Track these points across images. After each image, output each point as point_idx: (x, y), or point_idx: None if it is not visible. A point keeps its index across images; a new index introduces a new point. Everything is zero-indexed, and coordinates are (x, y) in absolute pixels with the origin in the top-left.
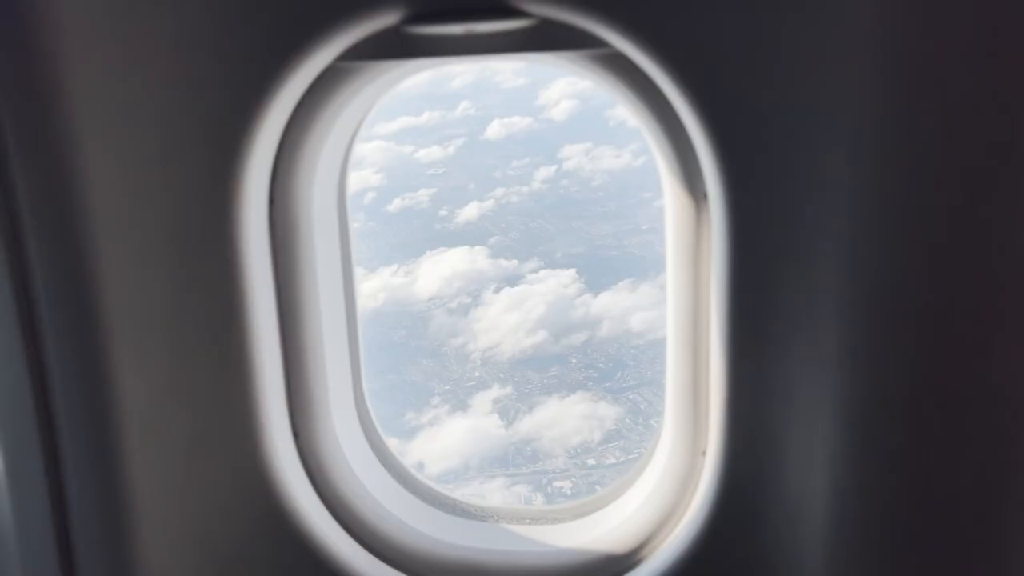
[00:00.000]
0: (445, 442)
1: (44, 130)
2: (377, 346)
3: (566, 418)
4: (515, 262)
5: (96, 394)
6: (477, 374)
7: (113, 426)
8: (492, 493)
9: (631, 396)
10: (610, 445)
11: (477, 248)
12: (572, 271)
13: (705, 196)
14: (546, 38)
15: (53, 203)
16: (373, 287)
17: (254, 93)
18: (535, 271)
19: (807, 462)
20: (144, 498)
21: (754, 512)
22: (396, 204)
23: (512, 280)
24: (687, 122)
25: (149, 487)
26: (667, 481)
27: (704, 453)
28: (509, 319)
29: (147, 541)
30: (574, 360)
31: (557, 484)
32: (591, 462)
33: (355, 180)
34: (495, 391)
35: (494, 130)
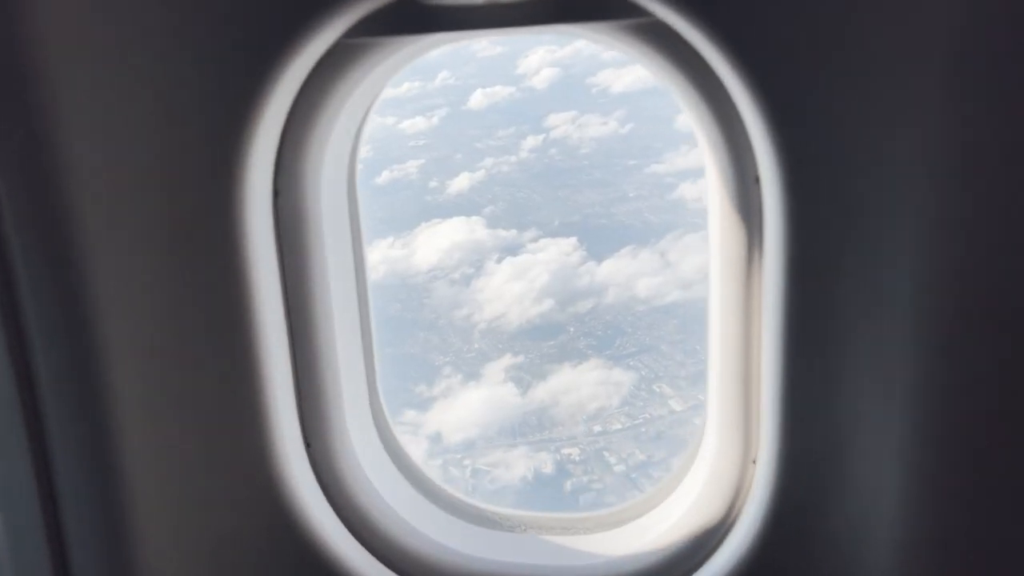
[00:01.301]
0: (461, 412)
1: (28, 120)
2: (380, 320)
3: (581, 385)
4: (514, 231)
5: (90, 402)
6: (476, 346)
7: (109, 436)
8: (516, 461)
9: (632, 363)
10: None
11: (474, 219)
12: (573, 239)
13: (756, 178)
14: (576, 8)
15: (38, 199)
16: (373, 260)
17: (255, 74)
18: (535, 240)
19: (874, 472)
20: (144, 513)
21: (812, 526)
22: (385, 176)
23: (512, 249)
24: (738, 98)
25: (149, 501)
26: (713, 491)
27: (755, 462)
28: (514, 288)
29: (148, 559)
30: (585, 325)
31: (565, 451)
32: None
33: None
34: (507, 360)
35: (476, 100)
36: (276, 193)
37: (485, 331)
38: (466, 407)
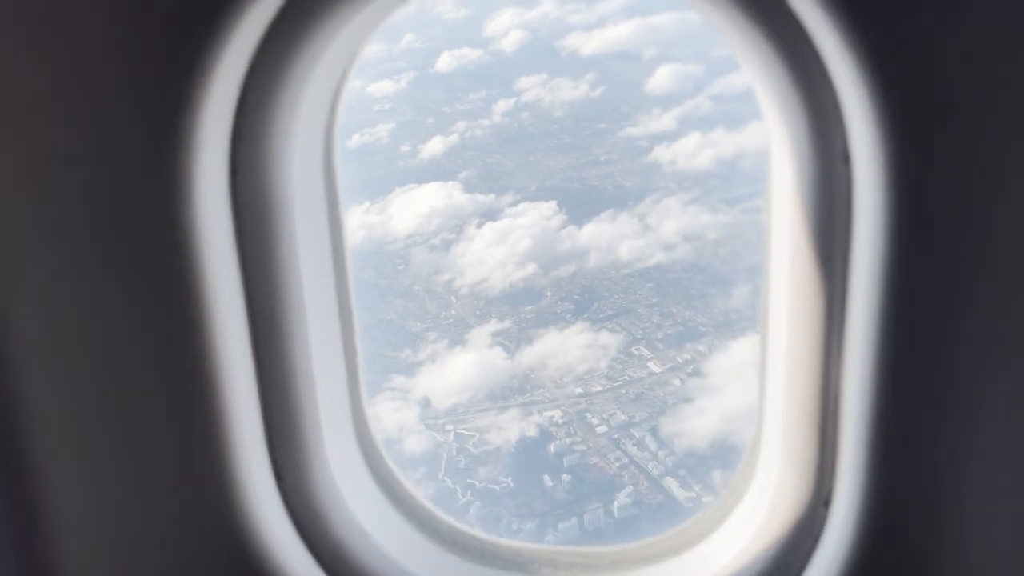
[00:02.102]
0: (449, 377)
1: None
2: (362, 286)
3: (567, 349)
4: (492, 196)
5: (2, 432)
6: (454, 312)
7: (25, 476)
8: (499, 425)
9: (610, 326)
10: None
11: (451, 184)
12: (552, 203)
13: (845, 156)
14: None
15: None
16: (350, 226)
17: (200, 32)
18: (514, 204)
19: (984, 530)
20: (74, 565)
21: None
22: (355, 140)
23: (492, 214)
24: (833, 64)
25: (79, 550)
26: (769, 534)
27: (827, 503)
28: (496, 253)
29: None
30: (562, 290)
31: (548, 414)
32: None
33: None
34: (492, 325)
35: (444, 63)
36: (233, 171)
37: (467, 296)
38: (453, 372)
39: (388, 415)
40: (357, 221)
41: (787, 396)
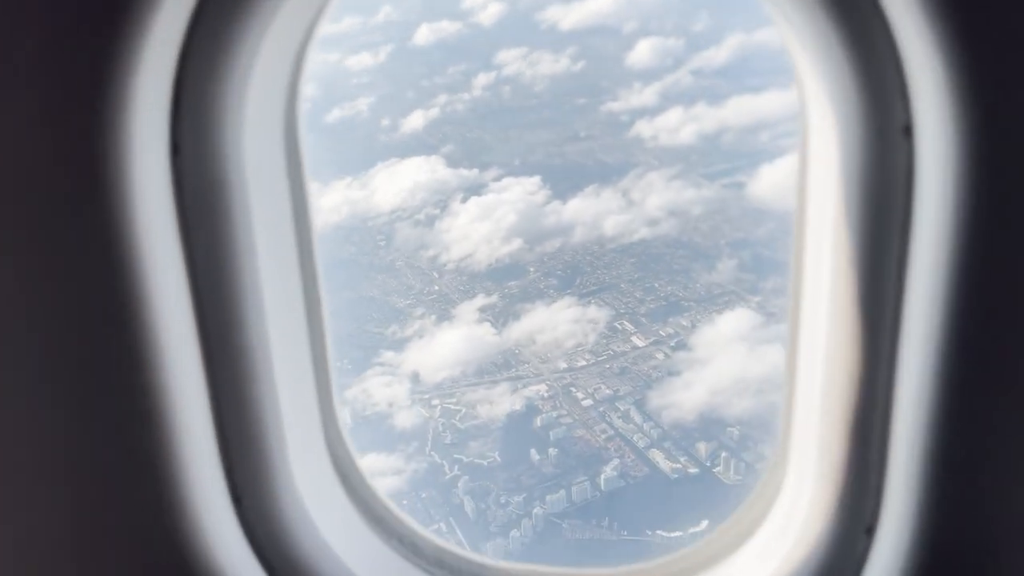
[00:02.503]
0: (438, 352)
1: None
2: (344, 263)
3: (555, 324)
4: (476, 171)
5: None
6: (437, 287)
7: None
8: (485, 399)
9: (593, 301)
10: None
11: (433, 158)
12: (536, 178)
13: (906, 127)
14: None
15: None
16: (333, 201)
17: None
18: (498, 179)
19: None
20: None
21: None
22: (334, 115)
23: (476, 189)
24: (898, 23)
25: (23, 573)
26: (797, 563)
27: (870, 531)
28: (481, 228)
29: None
30: (545, 265)
31: (533, 388)
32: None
33: None
34: (480, 300)
35: (423, 35)
36: (175, 149)
37: (453, 272)
38: (442, 347)
39: (378, 390)
40: (339, 197)
41: (824, 405)
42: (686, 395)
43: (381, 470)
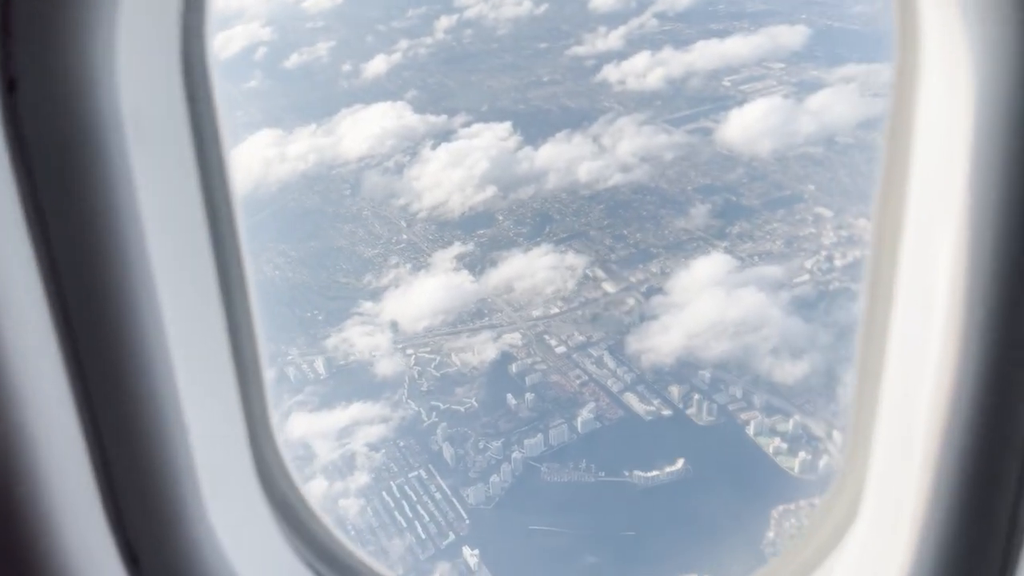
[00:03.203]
0: (415, 301)
1: None
2: (310, 212)
3: (531, 271)
4: (444, 117)
5: None
6: (405, 236)
7: None
8: (471, 346)
9: (563, 248)
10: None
11: (399, 104)
12: (507, 124)
13: None
14: None
15: None
16: (299, 149)
17: None
18: (467, 125)
19: None
20: None
21: None
22: (293, 60)
23: (445, 135)
24: None
25: None
26: None
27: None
28: (453, 176)
29: None
30: (516, 213)
31: (507, 336)
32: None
33: (241, 35)
34: (456, 248)
35: None
36: (10, 85)
37: (426, 220)
38: (420, 296)
39: (360, 339)
40: (305, 145)
41: (930, 430)
42: (663, 339)
43: (369, 418)
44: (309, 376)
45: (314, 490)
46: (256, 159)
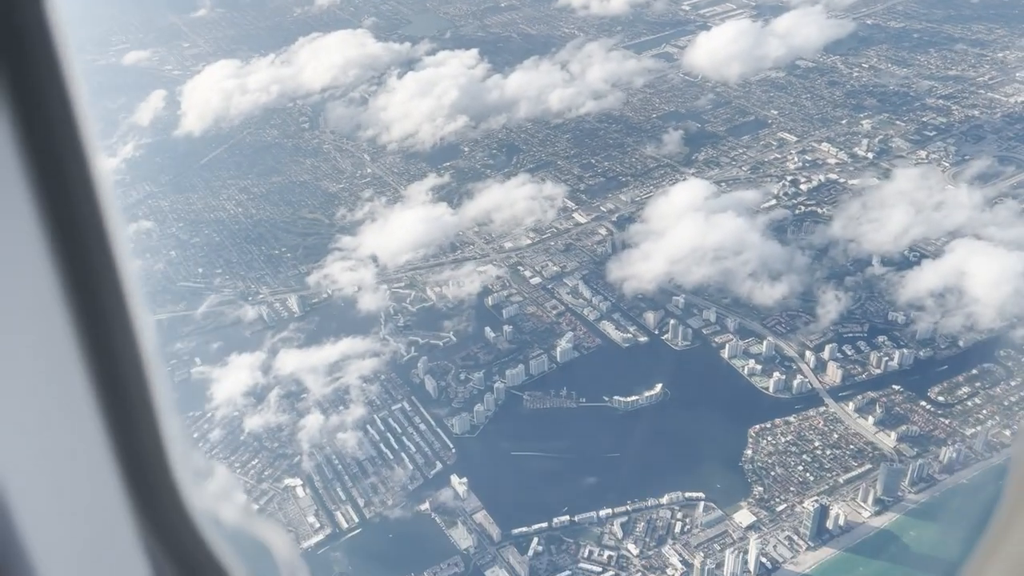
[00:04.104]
0: (391, 234)
1: None
2: (269, 147)
3: (498, 203)
4: (408, 44)
5: None
6: (370, 170)
7: None
8: (446, 279)
9: (532, 178)
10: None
11: (359, 31)
12: (473, 51)
13: None
14: None
15: None
16: (260, 80)
17: None
18: (431, 53)
19: None
20: None
21: None
22: None
23: (410, 64)
24: None
25: None
26: None
27: None
28: (422, 106)
29: None
30: (484, 144)
31: (481, 269)
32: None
33: None
34: (431, 180)
35: None
36: None
37: (396, 152)
38: (397, 229)
39: (341, 275)
40: (266, 75)
41: None
42: (642, 267)
43: (359, 353)
44: (283, 315)
45: (311, 423)
46: (215, 91)
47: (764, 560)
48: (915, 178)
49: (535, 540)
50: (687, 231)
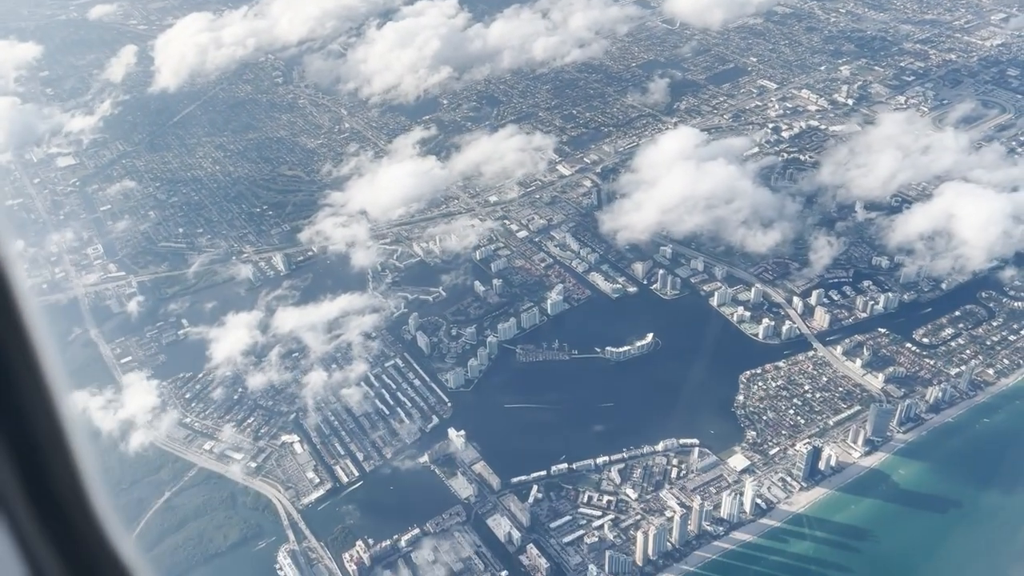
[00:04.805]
0: (378, 189)
1: None
2: (243, 103)
3: (483, 155)
4: None
5: None
6: (347, 125)
7: None
8: (434, 234)
9: (514, 129)
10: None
11: None
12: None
13: None
14: None
15: None
16: (236, 34)
17: None
18: (410, 2)
19: None
20: None
21: None
22: None
23: (388, 14)
24: None
25: None
26: None
27: None
28: (403, 57)
29: None
30: (462, 95)
31: (467, 223)
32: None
33: None
34: (416, 134)
35: None
36: None
37: (379, 105)
38: (383, 183)
39: (333, 231)
40: (241, 28)
41: None
42: (629, 217)
43: (356, 310)
44: (269, 274)
45: (308, 380)
46: (188, 46)
47: (759, 502)
48: (900, 123)
49: (535, 488)
50: (677, 180)
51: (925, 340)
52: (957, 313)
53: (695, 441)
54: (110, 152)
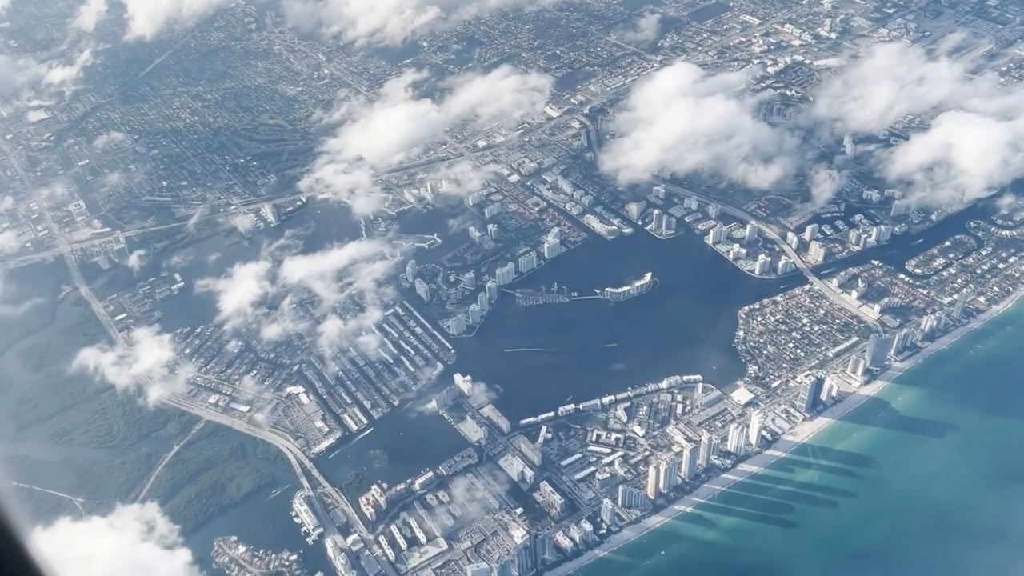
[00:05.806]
0: (380, 132)
1: None
2: (218, 50)
3: (466, 98)
4: None
5: None
6: (327, 71)
7: None
8: (423, 182)
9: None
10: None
11: None
12: None
13: None
14: None
15: None
16: None
17: None
18: None
19: None
20: None
21: None
22: None
23: None
24: None
25: None
26: None
27: None
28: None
29: None
30: (438, 40)
31: (457, 168)
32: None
33: None
34: (410, 76)
35: None
36: None
37: (364, 49)
38: (379, 128)
39: (334, 179)
40: None
41: None
42: (620, 159)
43: (368, 256)
44: (259, 225)
45: (329, 328)
46: None
47: (764, 433)
48: (892, 54)
49: (543, 429)
50: (677, 117)
51: (917, 271)
52: (947, 243)
53: (698, 377)
54: (83, 105)
